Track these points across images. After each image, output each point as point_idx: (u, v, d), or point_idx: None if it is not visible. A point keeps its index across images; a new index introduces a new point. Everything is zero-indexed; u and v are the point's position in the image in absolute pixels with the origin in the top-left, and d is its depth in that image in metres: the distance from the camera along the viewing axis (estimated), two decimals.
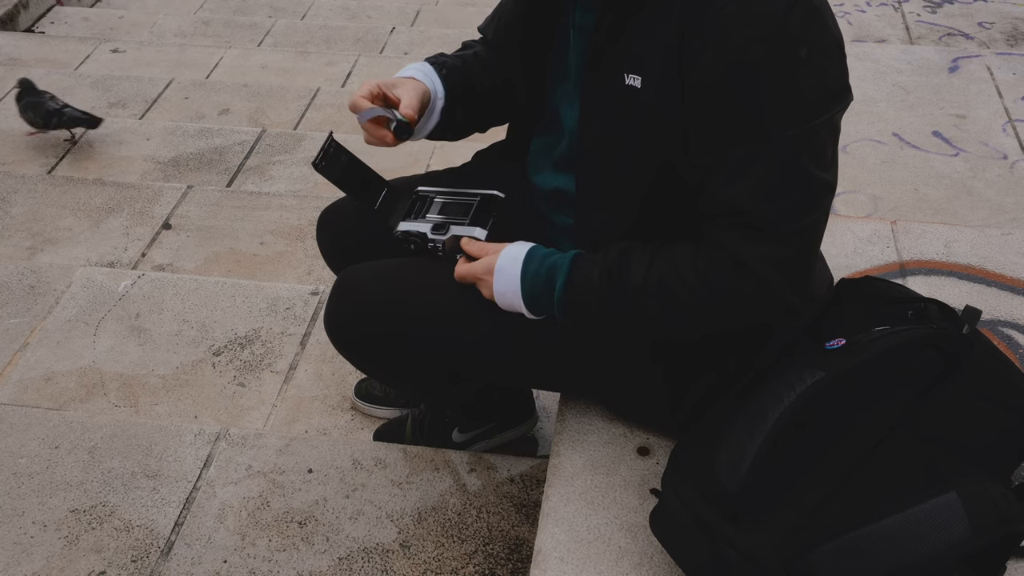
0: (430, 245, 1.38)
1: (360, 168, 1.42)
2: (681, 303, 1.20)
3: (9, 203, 2.69)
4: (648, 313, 1.22)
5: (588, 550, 1.27)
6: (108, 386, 2.02)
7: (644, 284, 1.20)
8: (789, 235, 1.17)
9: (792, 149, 1.13)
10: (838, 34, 1.16)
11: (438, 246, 1.37)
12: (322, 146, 1.37)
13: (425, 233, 1.38)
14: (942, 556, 1.06)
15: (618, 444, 1.42)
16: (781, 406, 1.12)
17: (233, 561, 1.57)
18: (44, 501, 1.67)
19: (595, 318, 1.26)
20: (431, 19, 4.85)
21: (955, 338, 1.20)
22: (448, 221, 1.39)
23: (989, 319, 1.74)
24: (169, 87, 3.63)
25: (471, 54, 1.51)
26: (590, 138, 1.28)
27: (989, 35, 3.83)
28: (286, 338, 2.14)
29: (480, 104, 1.49)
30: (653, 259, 1.21)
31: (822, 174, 1.16)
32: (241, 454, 1.76)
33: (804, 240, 1.19)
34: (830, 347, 1.20)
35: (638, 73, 1.19)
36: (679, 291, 1.19)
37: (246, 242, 2.55)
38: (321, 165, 1.36)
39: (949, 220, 2.47)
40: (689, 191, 1.21)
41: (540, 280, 1.27)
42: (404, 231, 1.40)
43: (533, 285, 1.27)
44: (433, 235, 1.37)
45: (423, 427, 1.83)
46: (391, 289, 1.39)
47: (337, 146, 1.39)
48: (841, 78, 1.17)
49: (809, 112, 1.13)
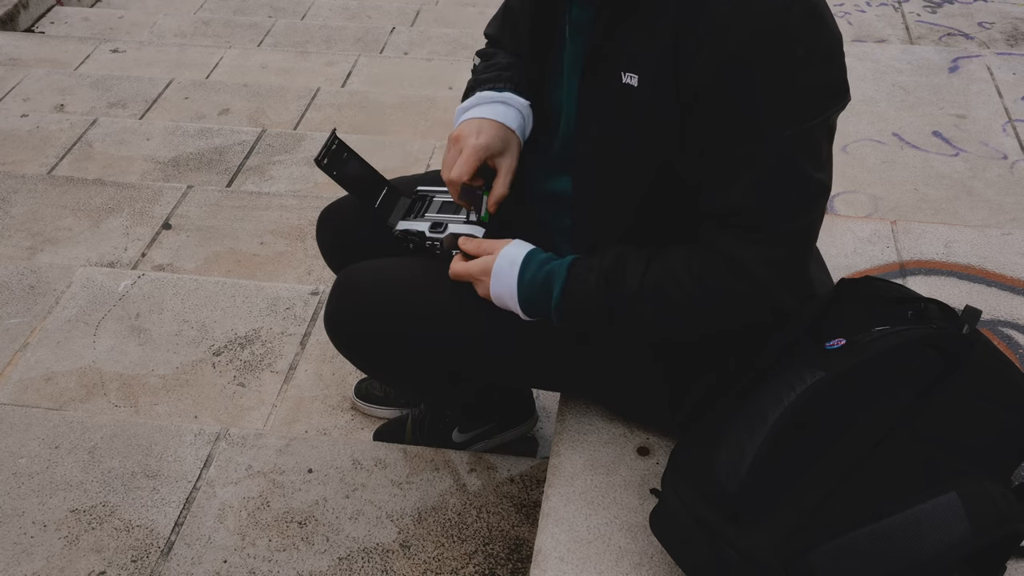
0: (428, 243, 1.38)
1: (362, 166, 1.42)
2: (677, 306, 1.20)
3: (9, 203, 2.69)
4: (644, 317, 1.22)
5: (588, 550, 1.27)
6: (108, 386, 2.02)
7: (641, 288, 1.21)
8: (784, 235, 1.17)
9: (788, 149, 1.13)
10: (837, 33, 1.16)
11: (436, 244, 1.37)
12: (325, 143, 1.37)
13: (423, 231, 1.38)
14: (942, 556, 1.06)
15: (618, 444, 1.42)
16: (781, 406, 1.12)
17: (233, 561, 1.57)
18: (44, 501, 1.67)
19: (592, 324, 1.26)
20: (431, 19, 4.85)
21: (955, 338, 1.20)
22: (446, 219, 1.39)
23: (989, 319, 1.74)
24: (169, 87, 3.63)
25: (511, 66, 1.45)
26: (586, 138, 1.27)
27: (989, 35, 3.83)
28: (286, 338, 2.14)
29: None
30: (649, 264, 1.22)
31: (818, 174, 1.16)
32: (241, 454, 1.76)
33: (799, 240, 1.19)
34: (830, 347, 1.19)
35: (634, 72, 1.18)
36: (674, 294, 1.19)
37: (246, 242, 2.55)
38: (323, 162, 1.36)
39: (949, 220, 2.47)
40: (686, 191, 1.21)
41: (537, 286, 1.27)
42: (403, 230, 1.40)
43: (530, 291, 1.27)
44: (431, 233, 1.38)
45: (423, 427, 1.83)
46: (391, 288, 1.38)
47: (340, 143, 1.39)
48: (839, 78, 1.16)
49: (806, 112, 1.13)
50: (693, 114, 1.15)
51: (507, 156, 1.35)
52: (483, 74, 1.42)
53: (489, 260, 1.30)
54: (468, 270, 1.32)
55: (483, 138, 1.33)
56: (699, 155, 1.17)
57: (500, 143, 1.34)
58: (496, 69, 1.42)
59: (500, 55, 1.47)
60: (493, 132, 1.33)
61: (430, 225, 1.38)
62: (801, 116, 1.13)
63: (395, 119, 3.41)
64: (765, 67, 1.10)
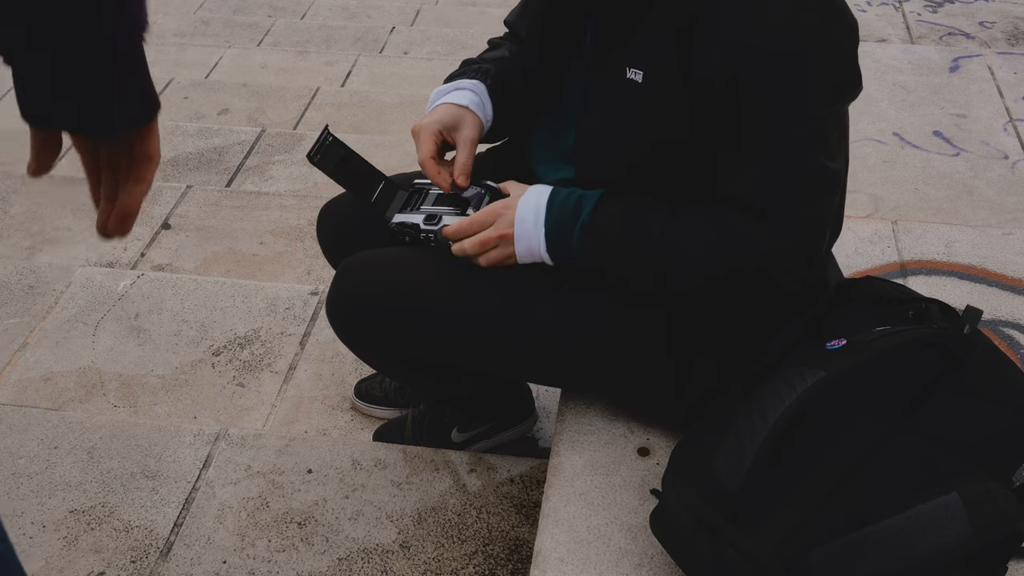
0: (422, 236, 1.37)
1: (357, 162, 1.41)
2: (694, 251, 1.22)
3: (8, 203, 2.69)
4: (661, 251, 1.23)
5: (588, 551, 1.27)
6: (107, 386, 2.01)
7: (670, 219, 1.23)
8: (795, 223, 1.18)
9: (801, 140, 1.14)
10: (853, 24, 1.16)
11: (431, 236, 1.37)
12: (318, 138, 1.36)
13: (418, 224, 1.37)
14: (943, 556, 1.06)
15: (618, 444, 1.42)
16: (782, 406, 1.12)
17: (232, 562, 1.57)
18: (43, 502, 1.66)
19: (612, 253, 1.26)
20: (431, 19, 4.84)
21: (956, 338, 1.20)
22: (440, 211, 1.38)
23: (990, 319, 1.73)
24: (168, 87, 3.63)
25: (507, 56, 1.50)
26: (588, 130, 1.28)
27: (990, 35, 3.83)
28: (286, 338, 2.14)
29: (518, 106, 1.48)
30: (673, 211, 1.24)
31: (830, 163, 1.17)
32: (240, 454, 1.76)
33: (810, 228, 1.21)
34: (831, 347, 1.19)
35: (640, 68, 1.19)
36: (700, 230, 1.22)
37: (245, 242, 2.55)
38: (316, 158, 1.35)
39: (950, 220, 2.47)
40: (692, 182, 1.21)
41: (569, 207, 1.27)
42: (399, 223, 1.39)
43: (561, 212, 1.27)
44: (425, 226, 1.37)
45: (423, 427, 1.82)
46: (392, 269, 1.39)
47: (334, 139, 1.38)
48: (852, 69, 1.17)
49: (818, 104, 1.14)
50: (704, 109, 1.15)
51: (463, 129, 1.39)
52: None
53: (509, 213, 1.29)
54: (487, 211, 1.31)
55: (434, 116, 1.39)
56: (709, 147, 1.17)
57: (451, 118, 1.39)
58: (465, 66, 1.48)
59: (496, 51, 1.51)
60: (443, 111, 1.40)
61: (424, 217, 1.38)
62: (814, 108, 1.14)
63: (395, 119, 3.41)
64: (779, 62, 1.11)
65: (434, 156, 1.37)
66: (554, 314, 1.33)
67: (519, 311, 1.34)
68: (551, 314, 1.33)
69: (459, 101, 1.40)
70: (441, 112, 1.40)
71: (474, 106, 1.40)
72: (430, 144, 1.37)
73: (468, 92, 1.42)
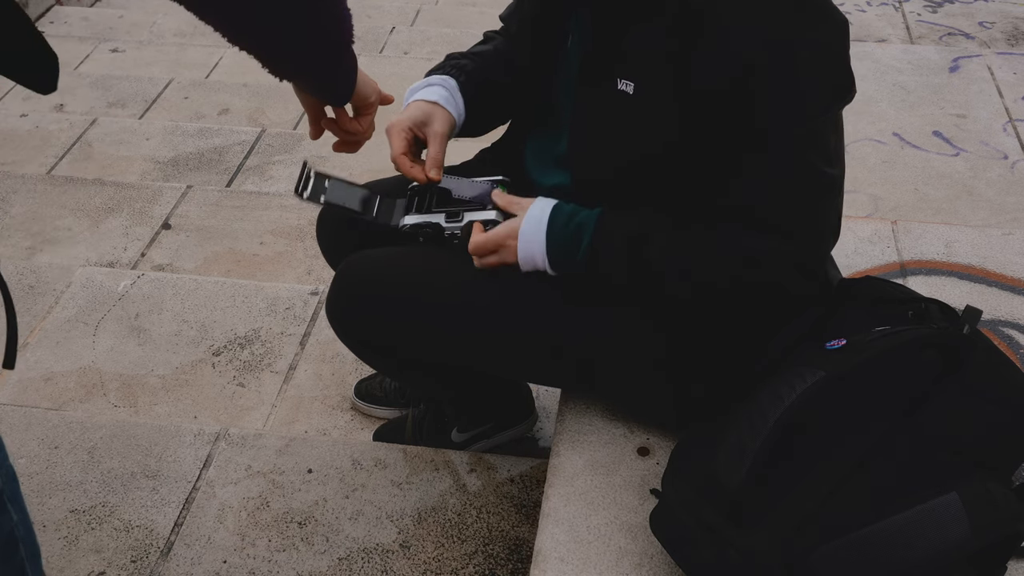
0: (447, 233, 1.37)
1: (345, 186, 1.41)
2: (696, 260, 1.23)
3: (9, 203, 2.69)
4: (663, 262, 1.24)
5: (588, 550, 1.27)
6: (108, 386, 2.01)
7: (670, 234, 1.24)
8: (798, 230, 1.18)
9: (798, 147, 1.14)
10: (843, 26, 1.16)
11: (456, 233, 1.36)
12: (300, 175, 1.36)
13: (439, 223, 1.37)
14: (943, 556, 1.06)
15: (618, 444, 1.42)
16: (782, 406, 1.12)
17: (233, 561, 1.57)
18: (44, 501, 1.66)
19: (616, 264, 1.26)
20: (431, 19, 4.84)
21: (956, 338, 1.20)
22: (459, 209, 1.38)
23: (990, 319, 1.73)
24: (169, 87, 3.63)
25: (491, 50, 1.51)
26: (580, 139, 1.28)
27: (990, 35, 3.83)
28: (286, 338, 2.14)
29: (498, 100, 1.49)
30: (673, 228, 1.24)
31: (828, 168, 1.17)
32: (241, 454, 1.76)
33: (811, 234, 1.20)
34: (831, 347, 1.19)
35: (630, 79, 1.19)
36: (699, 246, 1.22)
37: (246, 242, 2.55)
38: (304, 195, 1.36)
39: (950, 220, 2.47)
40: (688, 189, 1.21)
41: (570, 230, 1.27)
42: (414, 224, 1.38)
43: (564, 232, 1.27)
44: (448, 223, 1.37)
45: (423, 427, 1.82)
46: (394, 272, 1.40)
47: (316, 173, 1.38)
48: (845, 74, 1.17)
49: (813, 110, 1.14)
50: (697, 117, 1.15)
51: (433, 124, 1.41)
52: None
53: (515, 222, 1.30)
54: (492, 236, 1.31)
55: (404, 114, 1.42)
56: (704, 156, 1.17)
57: (421, 114, 1.41)
58: (445, 60, 1.50)
59: (484, 45, 1.52)
60: (413, 108, 1.42)
61: (445, 215, 1.38)
62: (808, 114, 1.14)
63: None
64: (772, 70, 1.11)
65: (406, 152, 1.39)
66: (554, 314, 1.33)
67: (519, 309, 1.34)
68: (551, 313, 1.33)
69: (429, 97, 1.42)
70: (412, 109, 1.42)
71: (444, 101, 1.42)
72: (400, 141, 1.39)
73: (438, 88, 1.43)
